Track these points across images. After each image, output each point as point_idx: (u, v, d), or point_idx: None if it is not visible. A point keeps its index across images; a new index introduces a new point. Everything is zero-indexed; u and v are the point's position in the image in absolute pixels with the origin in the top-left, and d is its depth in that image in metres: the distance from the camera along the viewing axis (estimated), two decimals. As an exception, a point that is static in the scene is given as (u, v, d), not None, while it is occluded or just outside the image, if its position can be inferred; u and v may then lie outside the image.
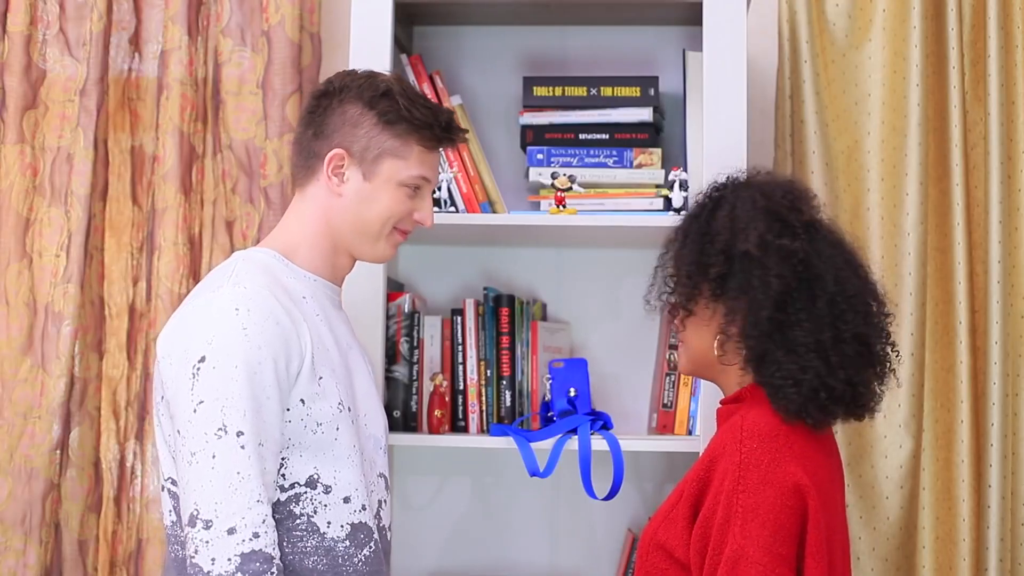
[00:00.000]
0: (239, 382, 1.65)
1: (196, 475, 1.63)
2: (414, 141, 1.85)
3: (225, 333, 1.67)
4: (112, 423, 2.67)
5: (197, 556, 1.61)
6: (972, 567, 2.52)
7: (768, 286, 1.73)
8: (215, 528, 1.61)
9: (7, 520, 2.57)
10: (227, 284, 1.75)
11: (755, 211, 1.78)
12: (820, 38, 2.64)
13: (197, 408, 1.65)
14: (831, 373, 1.71)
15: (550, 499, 2.65)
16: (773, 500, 1.63)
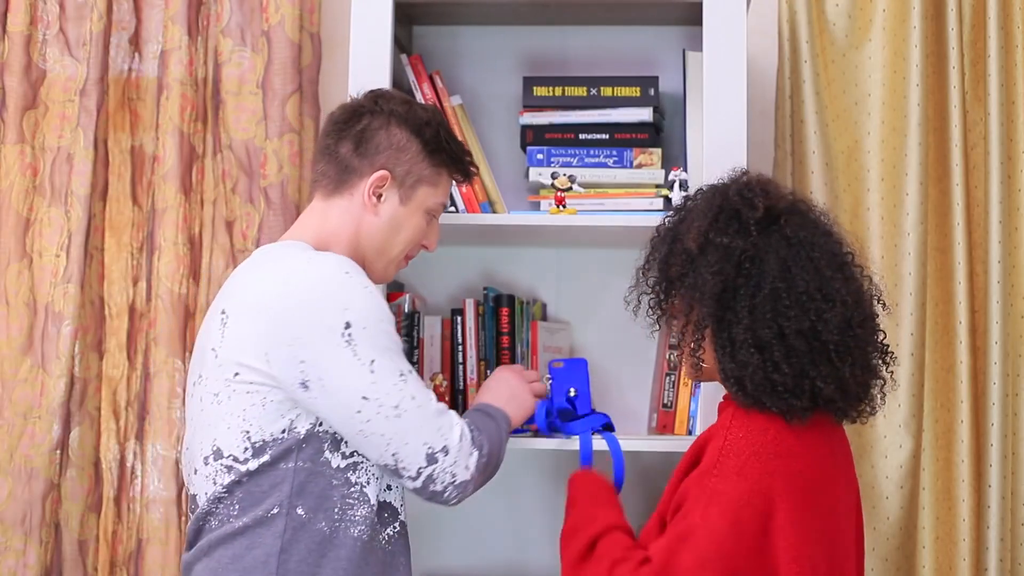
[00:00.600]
0: (388, 332, 1.79)
1: (411, 421, 1.76)
2: (446, 172, 1.98)
3: (354, 294, 1.76)
4: (112, 423, 2.67)
5: (456, 478, 1.80)
6: (972, 567, 2.52)
7: (706, 283, 1.75)
8: (452, 448, 1.78)
9: (7, 520, 2.57)
10: (315, 255, 1.82)
11: (707, 209, 1.81)
12: (820, 38, 2.64)
13: (373, 368, 1.74)
14: (776, 369, 1.71)
15: (552, 499, 2.65)
16: (740, 494, 1.65)
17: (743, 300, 1.74)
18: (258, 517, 1.75)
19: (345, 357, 1.73)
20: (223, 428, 1.78)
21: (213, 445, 1.79)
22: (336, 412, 1.75)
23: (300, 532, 1.75)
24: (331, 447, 1.78)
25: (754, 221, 1.77)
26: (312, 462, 1.76)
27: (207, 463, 1.80)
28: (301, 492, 1.75)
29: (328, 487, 1.77)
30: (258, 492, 1.76)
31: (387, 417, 1.74)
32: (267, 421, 1.75)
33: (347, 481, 1.79)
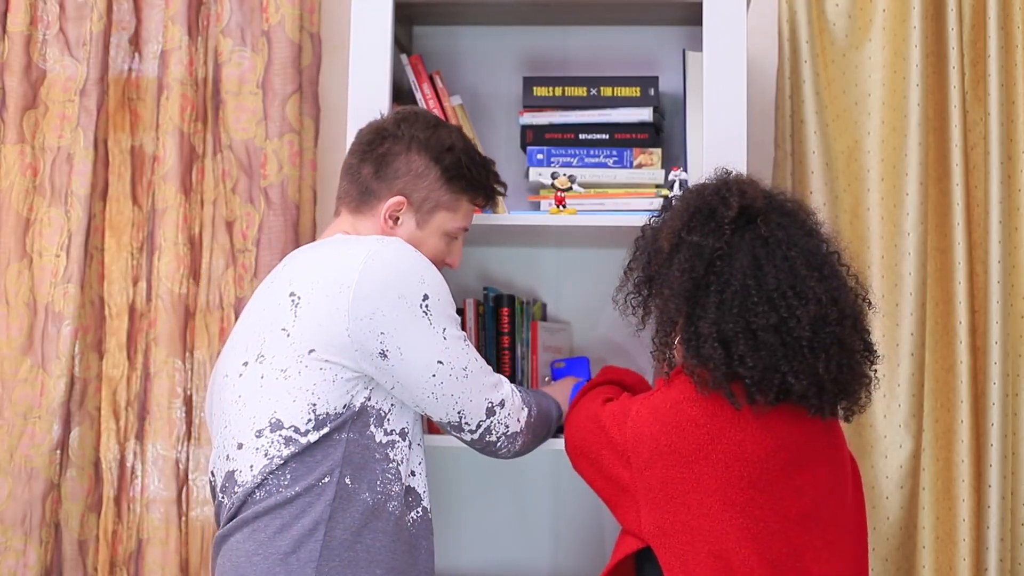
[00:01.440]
0: (452, 303, 1.94)
1: (476, 380, 1.93)
2: (467, 198, 2.05)
3: (427, 271, 1.90)
4: (112, 423, 2.67)
5: (508, 429, 1.97)
6: (972, 567, 2.52)
7: (675, 280, 1.80)
8: (507, 402, 1.96)
9: (7, 520, 2.57)
10: (385, 236, 1.94)
11: (683, 209, 1.85)
12: (820, 38, 2.64)
13: (445, 336, 1.89)
14: (741, 362, 1.75)
15: (552, 499, 2.65)
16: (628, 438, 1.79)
17: (712, 296, 1.78)
18: (309, 485, 1.83)
19: (423, 326, 1.87)
20: (288, 401, 1.85)
21: (272, 418, 1.85)
22: (411, 377, 1.88)
23: (347, 502, 1.83)
24: (376, 422, 1.88)
25: (728, 220, 1.81)
26: (360, 434, 1.86)
27: (259, 435, 1.85)
28: (349, 462, 1.84)
29: (371, 460, 1.86)
30: (311, 462, 1.83)
31: (457, 378, 1.90)
32: (334, 396, 1.85)
33: (387, 457, 1.88)
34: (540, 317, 2.59)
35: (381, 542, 1.85)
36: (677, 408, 1.78)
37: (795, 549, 1.75)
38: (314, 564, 1.80)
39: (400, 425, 1.92)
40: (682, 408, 1.78)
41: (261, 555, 1.82)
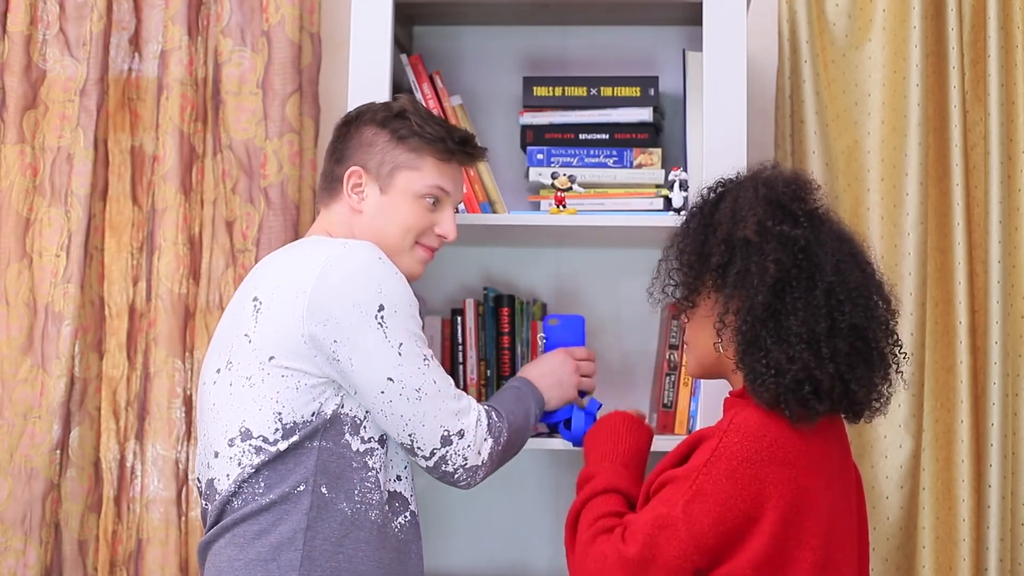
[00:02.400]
0: (415, 318, 1.86)
1: (431, 404, 1.83)
2: (427, 153, 1.97)
3: (388, 279, 1.83)
4: (112, 423, 2.67)
5: (467, 461, 1.85)
6: (972, 567, 2.52)
7: (765, 271, 1.71)
8: (467, 432, 1.85)
9: (7, 520, 2.57)
10: (349, 241, 1.88)
11: (756, 199, 1.77)
12: (820, 38, 2.64)
13: (401, 351, 1.81)
14: (819, 365, 1.69)
15: (551, 499, 2.65)
16: (728, 496, 1.64)
17: (796, 292, 1.71)
18: (284, 493, 1.80)
19: (377, 338, 1.80)
20: (255, 410, 1.82)
21: (242, 427, 1.83)
22: (362, 389, 1.82)
23: (324, 511, 1.80)
24: (351, 430, 1.84)
25: (803, 213, 1.76)
26: (334, 443, 1.82)
27: (232, 444, 1.84)
28: (324, 471, 1.81)
29: (348, 469, 1.83)
30: (284, 470, 1.81)
31: (408, 399, 1.81)
32: (300, 403, 1.81)
33: (365, 465, 1.85)
34: (540, 317, 2.59)
35: (364, 552, 1.83)
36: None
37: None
38: (295, 573, 1.78)
39: (379, 432, 1.87)
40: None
41: (242, 560, 1.80)
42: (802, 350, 1.69)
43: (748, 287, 1.72)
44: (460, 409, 1.86)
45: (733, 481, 1.65)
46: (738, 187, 1.82)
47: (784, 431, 1.70)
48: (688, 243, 1.82)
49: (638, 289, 2.61)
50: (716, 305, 1.78)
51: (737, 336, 1.74)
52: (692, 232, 1.82)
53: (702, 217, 1.82)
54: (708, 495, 1.65)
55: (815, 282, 1.72)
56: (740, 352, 1.73)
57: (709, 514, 1.64)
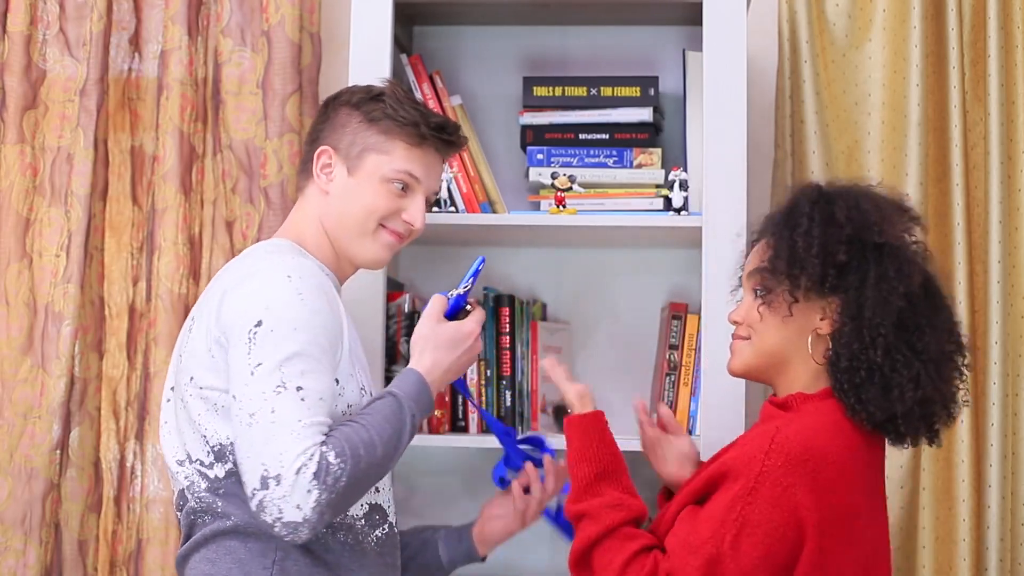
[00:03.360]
0: (298, 343, 1.67)
1: (258, 435, 1.62)
2: (397, 137, 1.89)
3: (281, 298, 1.70)
4: (112, 423, 2.67)
5: (284, 515, 1.60)
6: (972, 567, 2.52)
7: (909, 279, 1.67)
8: (284, 481, 1.59)
9: (7, 520, 2.57)
10: (269, 257, 1.79)
11: (887, 207, 1.72)
12: (820, 38, 2.64)
13: (255, 371, 1.66)
14: (941, 388, 1.68)
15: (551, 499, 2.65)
16: (775, 525, 1.59)
17: (922, 307, 1.69)
18: (246, 520, 1.75)
19: (241, 353, 1.68)
20: (189, 432, 1.79)
21: (185, 450, 1.81)
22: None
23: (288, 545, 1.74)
24: None
25: (915, 221, 1.76)
26: None
27: (181, 465, 1.81)
28: None
29: None
30: (235, 497, 1.74)
31: (242, 423, 1.65)
32: (220, 425, 1.74)
33: None
34: (540, 317, 2.59)
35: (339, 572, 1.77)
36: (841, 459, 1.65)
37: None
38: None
39: None
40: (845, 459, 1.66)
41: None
42: (931, 369, 1.67)
43: (886, 293, 1.67)
44: (288, 451, 1.60)
45: (779, 509, 1.60)
46: (855, 192, 1.75)
47: (827, 454, 1.64)
48: (804, 234, 1.71)
49: (638, 289, 2.63)
50: (811, 308, 1.72)
51: (867, 340, 1.67)
52: (808, 224, 1.72)
53: (818, 212, 1.72)
54: (755, 527, 1.59)
55: (940, 305, 1.71)
56: (871, 358, 1.67)
57: (757, 548, 1.59)
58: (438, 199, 2.38)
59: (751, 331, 1.79)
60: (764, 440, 1.64)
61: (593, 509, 1.72)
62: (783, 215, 1.77)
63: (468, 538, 2.04)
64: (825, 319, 1.72)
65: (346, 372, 1.78)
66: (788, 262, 1.72)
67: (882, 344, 1.66)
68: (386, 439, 1.70)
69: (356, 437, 1.66)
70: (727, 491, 1.63)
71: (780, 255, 1.73)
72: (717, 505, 1.63)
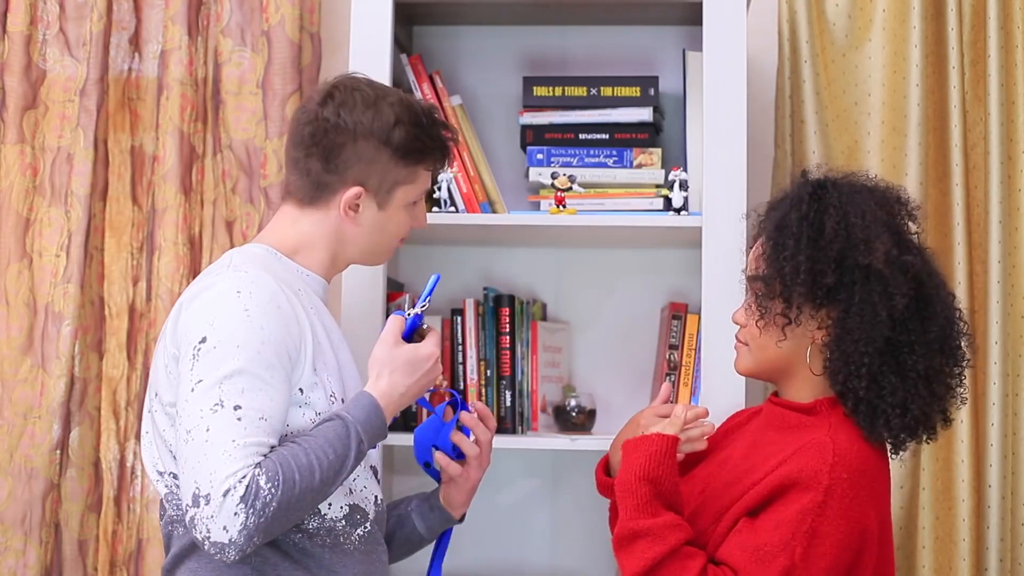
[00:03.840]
0: (240, 360, 1.66)
1: (192, 452, 1.62)
2: (423, 167, 1.92)
3: (226, 314, 1.69)
4: (112, 423, 2.67)
5: (212, 535, 1.59)
6: (972, 567, 2.52)
7: (892, 303, 1.68)
8: (213, 501, 1.59)
9: (7, 520, 2.57)
10: (227, 271, 1.78)
11: (875, 222, 1.72)
12: (820, 38, 2.64)
13: (195, 387, 1.65)
14: (932, 404, 1.70)
15: (550, 499, 2.65)
16: (842, 537, 1.62)
17: (911, 324, 1.70)
18: None
19: (185, 369, 1.69)
20: (161, 445, 1.80)
21: (158, 462, 1.81)
22: None
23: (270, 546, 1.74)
24: None
25: (914, 241, 1.75)
26: None
27: (160, 475, 1.82)
28: None
29: None
30: None
31: (180, 439, 1.65)
32: None
33: None
34: (540, 317, 2.59)
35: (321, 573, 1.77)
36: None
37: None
38: None
39: None
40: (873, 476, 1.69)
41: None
42: (920, 387, 1.69)
43: (869, 318, 1.68)
44: (218, 470, 1.59)
45: (846, 520, 1.62)
46: (843, 200, 1.74)
47: (878, 463, 1.70)
48: (790, 258, 1.72)
49: (638, 289, 2.63)
50: (807, 320, 1.73)
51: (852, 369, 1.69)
52: (795, 247, 1.73)
53: (806, 229, 1.73)
54: (825, 537, 1.61)
55: (929, 316, 1.71)
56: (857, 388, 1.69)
57: (826, 558, 1.61)
58: (438, 199, 2.38)
59: (749, 339, 1.81)
60: (825, 452, 1.65)
61: (656, 528, 1.69)
62: (775, 228, 1.77)
63: (438, 505, 2.03)
64: (822, 329, 1.74)
65: (309, 381, 1.76)
66: (780, 284, 1.74)
67: (867, 374, 1.69)
68: (326, 464, 1.67)
69: (293, 461, 1.64)
70: (794, 502, 1.63)
71: (772, 277, 1.75)
72: (784, 516, 1.63)
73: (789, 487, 1.64)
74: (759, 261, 1.79)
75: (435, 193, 2.37)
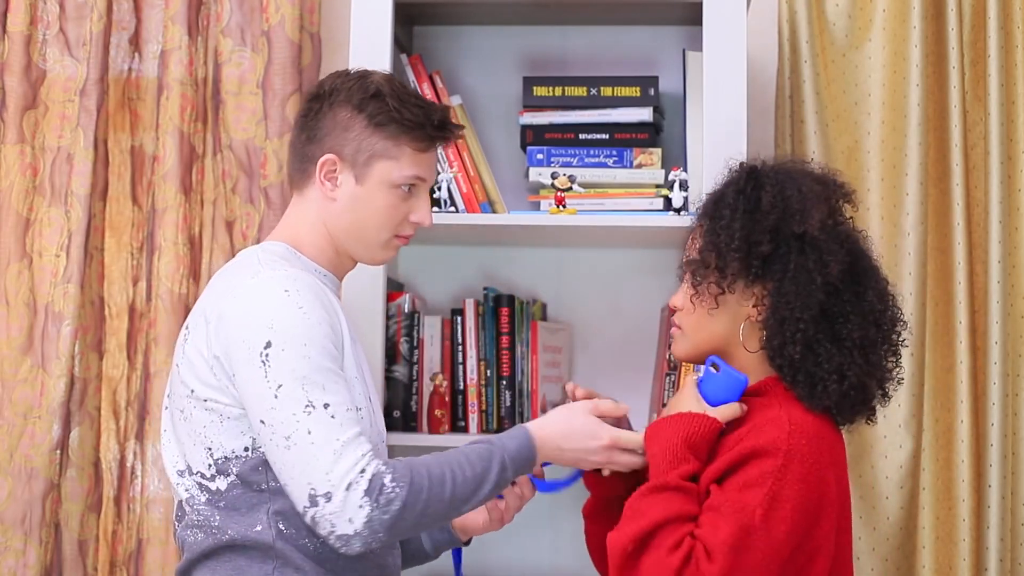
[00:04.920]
0: (311, 359, 1.67)
1: (298, 457, 1.63)
2: (405, 142, 1.83)
3: (284, 315, 1.69)
4: (112, 423, 2.67)
5: (336, 528, 1.62)
6: (972, 567, 2.52)
7: (827, 269, 1.68)
8: (335, 497, 1.61)
9: (7, 520, 2.57)
10: (264, 269, 1.76)
11: (810, 194, 1.72)
12: (820, 38, 2.64)
13: (278, 393, 1.65)
14: (870, 373, 1.70)
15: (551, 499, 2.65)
16: (802, 501, 1.62)
17: (846, 295, 1.70)
18: (243, 534, 1.74)
19: (257, 377, 1.67)
20: (190, 444, 1.78)
21: (184, 460, 1.79)
22: (252, 428, 1.71)
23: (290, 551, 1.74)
24: None
25: (843, 213, 1.76)
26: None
27: (181, 475, 1.80)
28: (281, 512, 1.73)
29: None
30: (235, 512, 1.74)
31: (278, 446, 1.65)
32: (227, 438, 1.73)
33: None
34: (540, 317, 2.59)
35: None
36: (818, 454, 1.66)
37: None
38: None
39: None
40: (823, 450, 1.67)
41: None
42: (856, 356, 1.69)
43: (803, 286, 1.68)
44: (336, 469, 1.62)
45: (805, 484, 1.62)
46: (778, 177, 1.75)
47: (833, 432, 1.71)
48: (726, 227, 1.73)
49: (638, 289, 2.64)
50: (743, 297, 1.73)
51: (787, 335, 1.69)
52: (730, 216, 1.73)
53: (743, 202, 1.73)
54: (785, 501, 1.61)
55: (865, 287, 1.72)
56: (792, 354, 1.69)
57: (785, 522, 1.61)
58: (438, 199, 2.38)
59: (684, 321, 1.80)
60: (781, 422, 1.66)
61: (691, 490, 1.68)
62: (712, 203, 1.78)
63: (448, 527, 2.02)
64: (756, 306, 1.73)
65: (352, 375, 1.77)
66: (715, 255, 1.73)
67: (802, 339, 1.69)
68: (460, 479, 1.69)
69: (425, 469, 1.67)
70: (754, 467, 1.63)
71: (707, 247, 1.74)
72: (746, 480, 1.63)
73: (749, 456, 1.64)
74: (695, 241, 1.79)
75: (435, 193, 2.36)
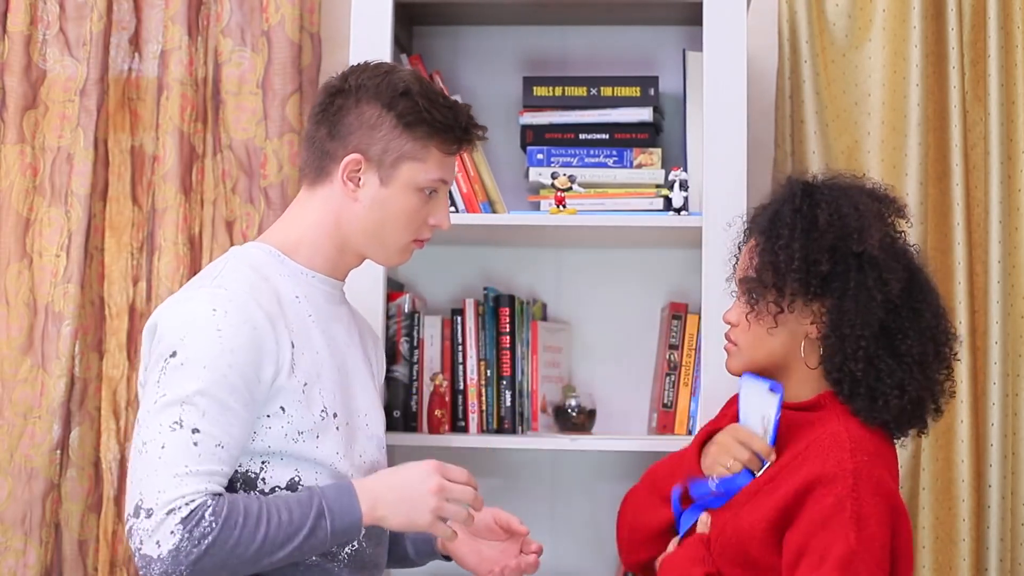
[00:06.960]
0: (204, 382, 1.63)
1: (143, 465, 1.62)
2: (434, 144, 1.79)
3: (198, 332, 1.66)
4: (112, 423, 2.67)
5: (143, 547, 1.59)
6: (972, 567, 2.52)
7: (887, 287, 1.71)
8: (154, 515, 1.59)
9: (7, 520, 2.57)
10: (209, 284, 1.73)
11: (867, 213, 1.74)
12: (820, 38, 2.64)
13: (159, 400, 1.64)
14: (927, 387, 1.73)
15: (550, 499, 2.65)
16: (882, 513, 1.63)
17: (904, 312, 1.73)
18: None
19: (152, 379, 1.67)
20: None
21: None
22: None
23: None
24: (245, 486, 1.71)
25: (904, 234, 1.78)
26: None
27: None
28: None
29: None
30: None
31: (135, 448, 1.65)
32: None
33: None
34: (540, 317, 2.59)
35: None
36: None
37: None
38: None
39: (285, 478, 1.71)
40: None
41: None
42: (916, 372, 1.72)
43: (865, 303, 1.71)
44: (168, 488, 1.59)
45: (881, 498, 1.64)
46: (837, 193, 1.76)
47: (890, 445, 1.74)
48: (784, 247, 1.73)
49: (638, 289, 2.64)
50: (802, 313, 1.74)
51: (849, 352, 1.71)
52: (789, 236, 1.74)
53: (800, 221, 1.74)
54: (869, 519, 1.62)
55: (922, 302, 1.75)
56: (854, 370, 1.71)
57: (876, 538, 1.62)
58: (438, 199, 2.38)
59: (739, 338, 1.81)
60: (840, 440, 1.67)
61: None
62: (768, 221, 1.79)
63: (433, 540, 2.00)
64: (815, 323, 1.75)
65: (292, 399, 1.71)
66: (773, 274, 1.74)
67: (863, 356, 1.71)
68: (275, 523, 1.63)
69: (243, 506, 1.63)
70: (826, 495, 1.63)
71: (765, 267, 1.76)
72: (822, 514, 1.63)
73: (815, 483, 1.65)
74: (751, 259, 1.79)
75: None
